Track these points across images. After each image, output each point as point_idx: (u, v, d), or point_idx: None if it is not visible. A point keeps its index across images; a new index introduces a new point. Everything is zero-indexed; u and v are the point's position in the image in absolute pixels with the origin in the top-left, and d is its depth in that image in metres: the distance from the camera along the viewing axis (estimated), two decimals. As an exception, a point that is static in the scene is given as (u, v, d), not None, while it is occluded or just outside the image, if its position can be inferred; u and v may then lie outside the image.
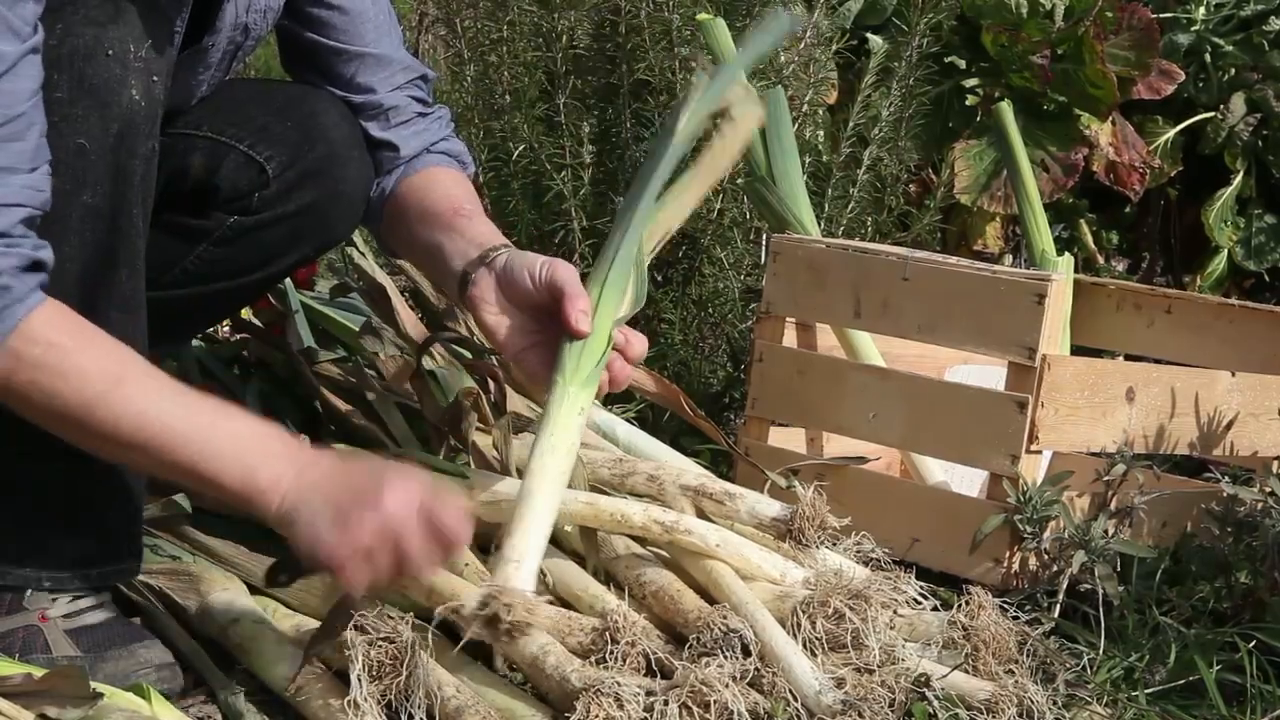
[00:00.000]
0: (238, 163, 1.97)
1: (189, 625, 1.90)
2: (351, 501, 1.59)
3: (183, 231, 1.99)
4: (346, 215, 2.06)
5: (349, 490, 1.60)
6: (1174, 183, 3.71)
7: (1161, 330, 2.67)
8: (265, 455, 1.61)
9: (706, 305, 2.93)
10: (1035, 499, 2.14)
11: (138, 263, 1.75)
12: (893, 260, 2.34)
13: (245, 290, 2.11)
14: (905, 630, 1.86)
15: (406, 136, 2.06)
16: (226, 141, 1.97)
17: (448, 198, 2.01)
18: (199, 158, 1.96)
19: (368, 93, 2.05)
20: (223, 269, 2.02)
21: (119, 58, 1.68)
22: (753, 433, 2.46)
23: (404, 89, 2.07)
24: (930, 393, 2.31)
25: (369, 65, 2.05)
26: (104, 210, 1.69)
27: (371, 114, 2.06)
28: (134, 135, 1.69)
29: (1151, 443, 2.37)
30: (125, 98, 1.68)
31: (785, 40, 3.00)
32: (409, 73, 2.08)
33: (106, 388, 1.56)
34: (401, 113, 2.06)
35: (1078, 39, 3.29)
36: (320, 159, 2.00)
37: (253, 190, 1.98)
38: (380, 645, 1.64)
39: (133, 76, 1.68)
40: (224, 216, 1.99)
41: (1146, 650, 1.96)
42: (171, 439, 1.59)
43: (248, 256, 2.02)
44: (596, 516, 1.92)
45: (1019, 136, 2.78)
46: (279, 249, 2.03)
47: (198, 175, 1.96)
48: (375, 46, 2.05)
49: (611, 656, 1.70)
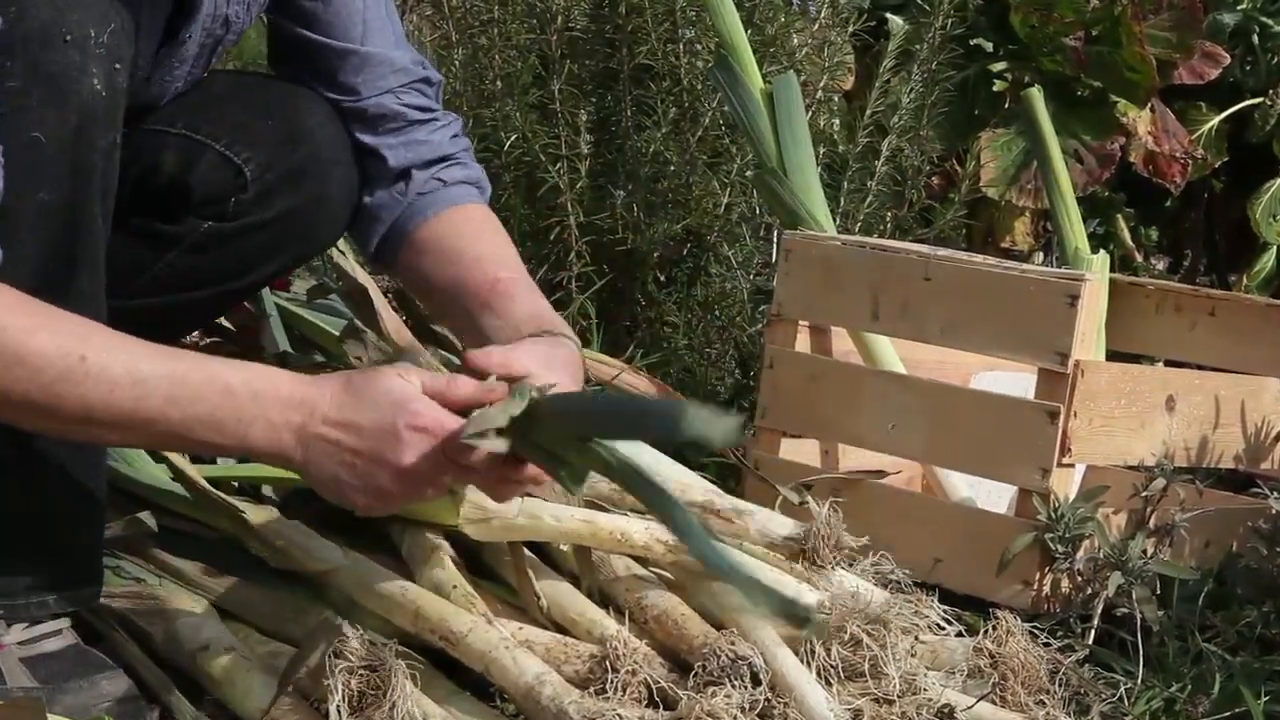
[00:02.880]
0: (213, 163, 1.97)
1: (154, 653, 1.91)
2: (370, 466, 1.61)
3: (153, 237, 1.99)
4: (330, 223, 2.06)
5: (365, 452, 1.62)
6: (1218, 174, 3.72)
7: (1205, 333, 2.67)
8: (260, 412, 1.61)
9: (713, 307, 2.94)
10: (1068, 516, 2.15)
11: (99, 264, 1.75)
12: (914, 259, 2.35)
13: (219, 301, 2.11)
14: (927, 658, 1.86)
15: (394, 146, 2.04)
16: (201, 140, 1.97)
17: (479, 263, 1.96)
18: (171, 156, 1.96)
19: (351, 94, 2.03)
20: (195, 278, 2.02)
21: (78, 43, 1.67)
22: (763, 444, 2.47)
23: (397, 93, 2.05)
24: (954, 402, 2.31)
25: (354, 64, 2.03)
26: (62, 208, 1.68)
27: (356, 118, 2.04)
28: (94, 128, 1.69)
29: (1194, 455, 2.38)
30: (85, 87, 1.67)
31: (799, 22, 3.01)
32: (403, 75, 2.05)
33: (69, 366, 1.56)
34: (392, 120, 2.04)
35: (1114, 19, 3.29)
36: (303, 161, 2.00)
37: (229, 194, 1.98)
38: (361, 673, 1.65)
39: (93, 64, 1.67)
40: (198, 222, 1.99)
41: (1188, 680, 1.96)
42: (150, 411, 1.59)
43: (223, 265, 2.02)
44: (595, 535, 1.92)
45: (1050, 125, 2.78)
46: (256, 258, 2.03)
47: (170, 175, 1.96)
48: (364, 44, 2.03)
49: (611, 686, 1.71)
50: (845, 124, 3.13)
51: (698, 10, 2.91)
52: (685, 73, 2.95)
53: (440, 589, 1.87)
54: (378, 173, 2.05)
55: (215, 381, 1.61)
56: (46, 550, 1.81)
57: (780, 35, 3.00)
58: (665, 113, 2.95)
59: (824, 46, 3.03)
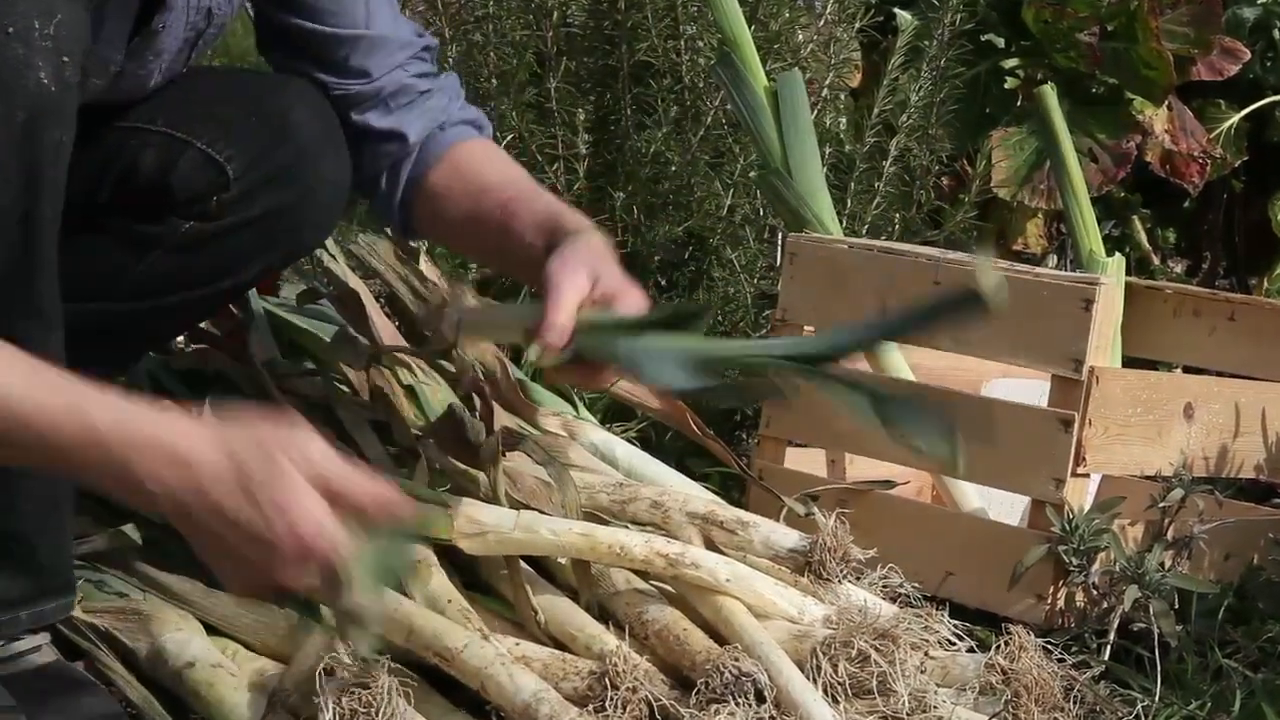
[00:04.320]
0: (195, 162, 1.97)
1: (138, 670, 1.91)
2: (244, 539, 1.50)
3: (132, 238, 1.99)
4: (318, 221, 2.07)
5: (239, 522, 1.50)
6: (1238, 174, 3.72)
7: (1224, 339, 2.67)
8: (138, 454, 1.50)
9: (716, 312, 2.94)
10: (1082, 528, 2.15)
11: (52, 264, 1.73)
12: (923, 262, 2.35)
13: (204, 303, 2.11)
14: (938, 674, 1.86)
15: (411, 120, 2.07)
16: (182, 138, 1.97)
17: (486, 193, 2.02)
18: (150, 155, 1.96)
19: (362, 78, 2.05)
20: (178, 280, 2.01)
21: (21, 35, 1.64)
22: (767, 454, 2.47)
23: (405, 67, 2.07)
24: (965, 410, 2.31)
25: (364, 48, 2.04)
26: (11, 208, 1.67)
27: (371, 103, 2.06)
28: (43, 124, 1.67)
29: (1213, 465, 2.38)
30: (31, 81, 1.65)
31: (804, 17, 3.02)
32: (408, 49, 2.08)
33: None
34: (404, 94, 2.07)
35: (1130, 14, 3.30)
36: (289, 158, 1.99)
37: (211, 192, 1.97)
38: (353, 691, 1.65)
39: (38, 57, 1.65)
40: (179, 222, 1.98)
41: (1208, 697, 1.96)
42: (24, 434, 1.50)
43: (206, 266, 2.01)
44: (593, 549, 1.92)
45: (1064, 123, 2.78)
46: (241, 258, 2.03)
47: (149, 175, 1.96)
48: (369, 26, 2.04)
49: (611, 704, 1.71)
50: (852, 123, 3.13)
51: (699, 5, 2.91)
52: (687, 70, 2.96)
53: (434, 604, 1.87)
54: (401, 152, 2.07)
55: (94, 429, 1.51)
56: (13, 565, 1.81)
57: (785, 31, 3.00)
58: (666, 112, 2.96)
59: (830, 43, 3.04)
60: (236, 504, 1.50)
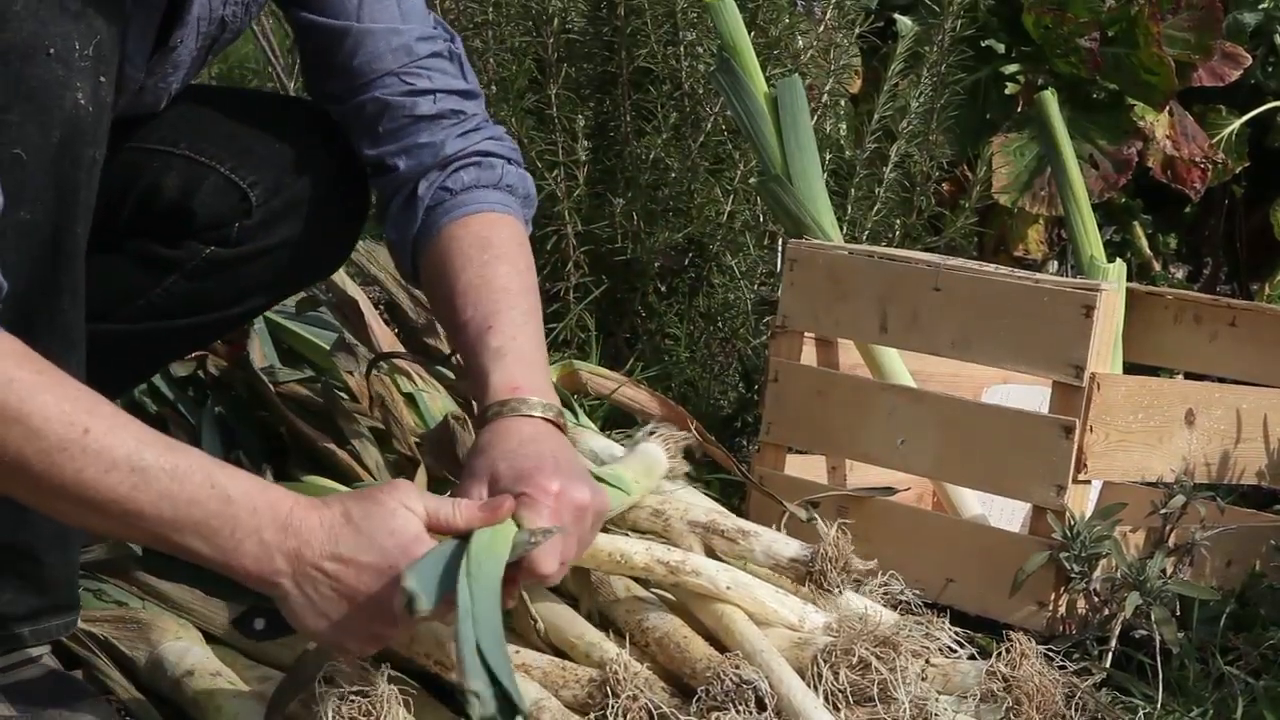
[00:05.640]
0: (218, 187, 1.95)
1: (137, 679, 1.91)
2: (365, 609, 1.59)
3: (151, 261, 1.97)
4: (333, 252, 2.07)
5: (362, 594, 1.59)
6: (1239, 179, 3.73)
7: (1225, 345, 2.67)
8: (256, 528, 1.58)
9: (716, 319, 2.94)
10: (1084, 534, 2.15)
11: (80, 285, 1.73)
12: (923, 268, 2.35)
13: (214, 327, 2.08)
14: (939, 681, 1.86)
15: (396, 153, 1.95)
16: (205, 162, 1.95)
17: (465, 296, 1.87)
18: (174, 178, 1.94)
19: (343, 90, 1.96)
20: (193, 304, 2.00)
21: (61, 57, 1.66)
22: (768, 460, 2.47)
23: (401, 76, 1.95)
24: (966, 416, 2.32)
25: (349, 46, 1.94)
26: (44, 227, 1.67)
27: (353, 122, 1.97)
28: (78, 143, 1.68)
29: (1214, 471, 2.38)
30: (69, 102, 1.66)
31: (803, 23, 3.02)
32: (403, 55, 1.95)
33: (71, 436, 1.51)
34: (388, 118, 1.95)
35: (1130, 19, 3.30)
36: (308, 187, 1.98)
37: (233, 219, 1.96)
38: (353, 700, 1.65)
39: (77, 78, 1.66)
40: (200, 247, 1.97)
41: (1210, 704, 1.97)
42: (141, 503, 1.54)
43: (221, 292, 2.00)
44: (593, 556, 1.92)
45: (1064, 129, 2.79)
46: (256, 286, 2.02)
47: (171, 198, 1.94)
48: (359, 19, 1.95)
49: (612, 711, 1.71)
50: (852, 128, 3.14)
51: (699, 12, 2.91)
52: (686, 76, 2.96)
53: (434, 612, 1.87)
54: (393, 188, 1.96)
55: (214, 487, 1.57)
56: (20, 580, 1.81)
57: (784, 37, 3.01)
58: (665, 118, 2.97)
59: (830, 48, 3.04)
60: (348, 538, 1.59)
